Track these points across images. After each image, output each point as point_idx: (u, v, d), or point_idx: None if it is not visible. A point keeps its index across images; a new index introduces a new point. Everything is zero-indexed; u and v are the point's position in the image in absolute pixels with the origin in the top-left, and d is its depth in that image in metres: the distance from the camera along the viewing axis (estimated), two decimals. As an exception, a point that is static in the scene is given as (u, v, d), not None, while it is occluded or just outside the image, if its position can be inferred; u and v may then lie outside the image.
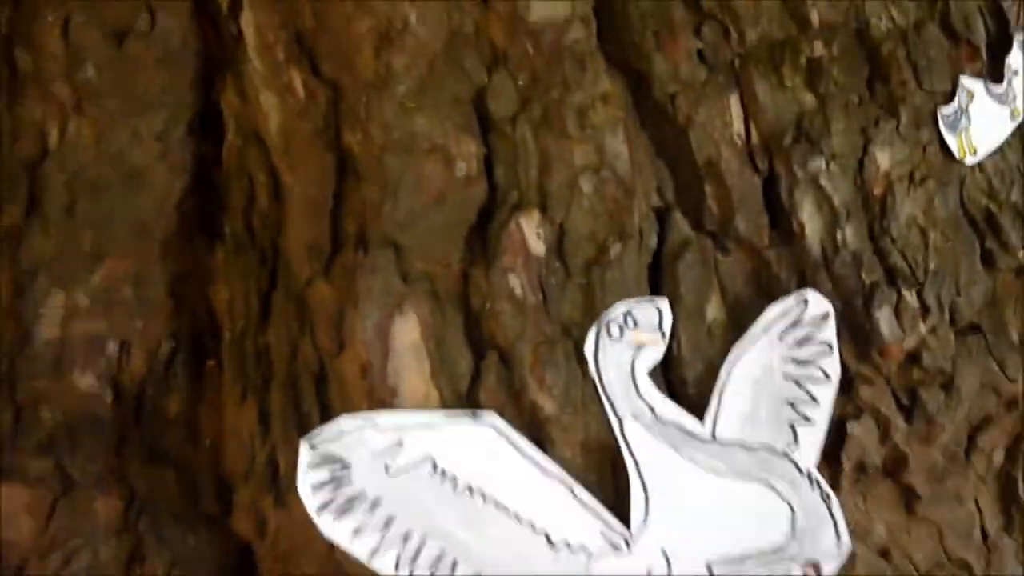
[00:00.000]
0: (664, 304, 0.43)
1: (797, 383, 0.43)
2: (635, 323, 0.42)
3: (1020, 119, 0.54)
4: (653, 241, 0.43)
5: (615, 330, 0.42)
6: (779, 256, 0.44)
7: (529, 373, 0.42)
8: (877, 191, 0.47)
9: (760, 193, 0.44)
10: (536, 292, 0.43)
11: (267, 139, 0.50)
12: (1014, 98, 0.54)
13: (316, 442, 0.42)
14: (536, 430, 0.43)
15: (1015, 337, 0.50)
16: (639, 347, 0.42)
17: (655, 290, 0.44)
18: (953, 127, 0.50)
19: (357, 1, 0.45)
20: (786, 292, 0.44)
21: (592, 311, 0.43)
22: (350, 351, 0.45)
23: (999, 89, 0.53)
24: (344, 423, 0.42)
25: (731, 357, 0.43)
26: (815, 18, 0.47)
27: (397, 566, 0.41)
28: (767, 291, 0.44)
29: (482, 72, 0.45)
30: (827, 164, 0.45)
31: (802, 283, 0.44)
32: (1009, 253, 0.51)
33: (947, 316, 0.47)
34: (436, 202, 0.44)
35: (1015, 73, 0.54)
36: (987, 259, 0.50)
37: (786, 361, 0.43)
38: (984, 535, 0.54)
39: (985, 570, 0.54)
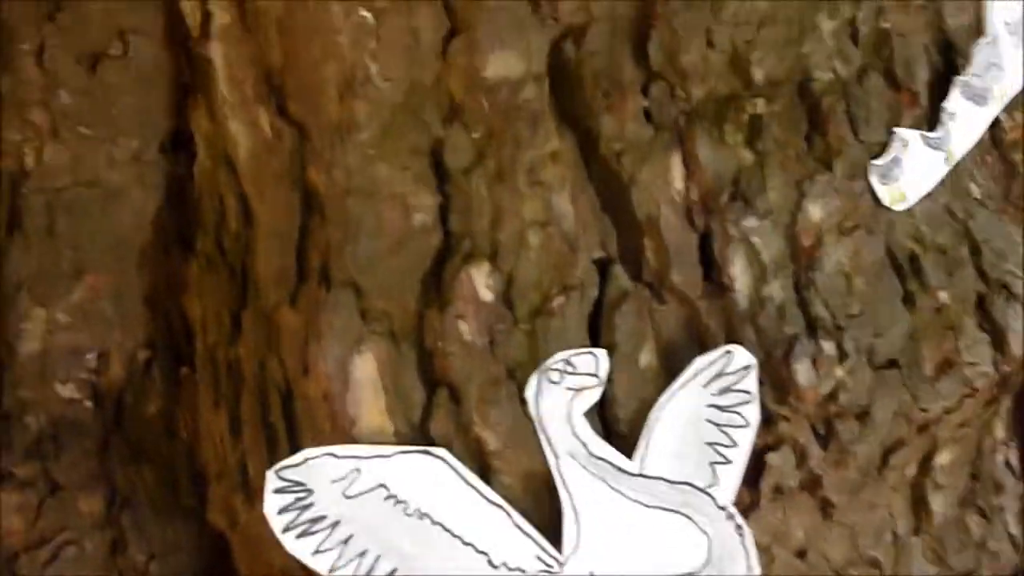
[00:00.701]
0: (602, 353, 0.46)
1: (719, 427, 0.47)
2: (574, 369, 0.46)
3: (952, 163, 0.57)
4: (594, 292, 0.47)
5: (555, 376, 0.46)
6: (710, 308, 0.48)
7: (475, 410, 0.46)
8: (807, 243, 0.50)
9: (695, 248, 0.48)
10: (484, 336, 0.47)
11: (236, 164, 0.53)
12: (949, 142, 0.57)
13: (281, 470, 0.46)
14: (480, 462, 0.47)
15: (929, 370, 0.55)
16: (577, 391, 0.46)
17: (594, 336, 0.47)
18: (885, 177, 0.53)
19: (324, 46, 0.47)
20: (715, 342, 0.48)
21: (535, 356, 0.47)
22: (313, 378, 0.49)
23: (934, 135, 0.56)
24: (307, 453, 0.47)
25: (660, 401, 0.47)
26: (759, 75, 0.50)
27: (354, 578, 0.46)
28: (699, 340, 0.48)
29: (439, 125, 0.47)
30: (760, 220, 0.48)
31: (730, 334, 0.48)
32: (929, 294, 0.54)
33: (865, 357, 0.52)
34: (394, 247, 0.47)
35: (951, 116, 0.57)
36: (909, 299, 0.54)
37: (710, 407, 0.47)
38: (895, 536, 0.60)
39: (894, 567, 0.60)
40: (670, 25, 0.48)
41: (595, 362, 0.46)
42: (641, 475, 0.47)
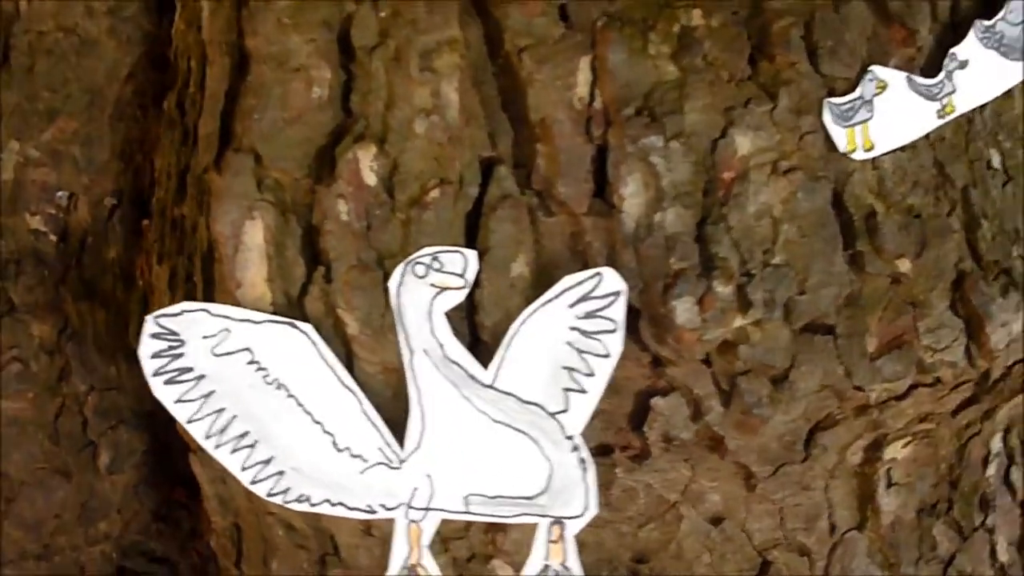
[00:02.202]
0: (471, 254, 0.45)
1: (579, 352, 0.44)
2: (440, 266, 0.45)
3: (952, 116, 0.50)
4: (474, 191, 0.45)
5: (420, 270, 0.45)
6: (595, 226, 0.45)
7: (339, 293, 0.46)
8: (726, 175, 0.45)
9: (589, 160, 0.44)
10: (362, 219, 0.46)
11: (203, 28, 0.54)
12: (951, 93, 0.50)
13: (159, 318, 0.48)
14: (345, 345, 0.47)
15: (872, 345, 0.49)
16: (441, 289, 0.45)
17: (473, 236, 0.46)
18: (845, 118, 0.47)
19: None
20: (596, 263, 0.45)
21: (407, 247, 0.46)
22: (214, 238, 0.50)
23: (928, 81, 0.49)
24: (185, 305, 0.48)
25: (523, 315, 0.45)
26: (699, -17, 0.45)
27: (207, 435, 0.48)
28: (581, 258, 0.45)
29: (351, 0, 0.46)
30: (666, 142, 0.44)
31: (612, 257, 0.45)
32: (883, 259, 0.48)
33: (780, 313, 0.47)
34: (294, 119, 0.47)
35: (960, 65, 0.50)
36: (856, 261, 0.48)
37: (573, 330, 0.44)
38: (832, 527, 0.55)
39: (827, 560, 0.55)
40: (603, -83, 0.44)
41: (463, 262, 0.45)
42: (492, 387, 0.45)
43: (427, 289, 0.45)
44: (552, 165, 0.45)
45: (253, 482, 0.48)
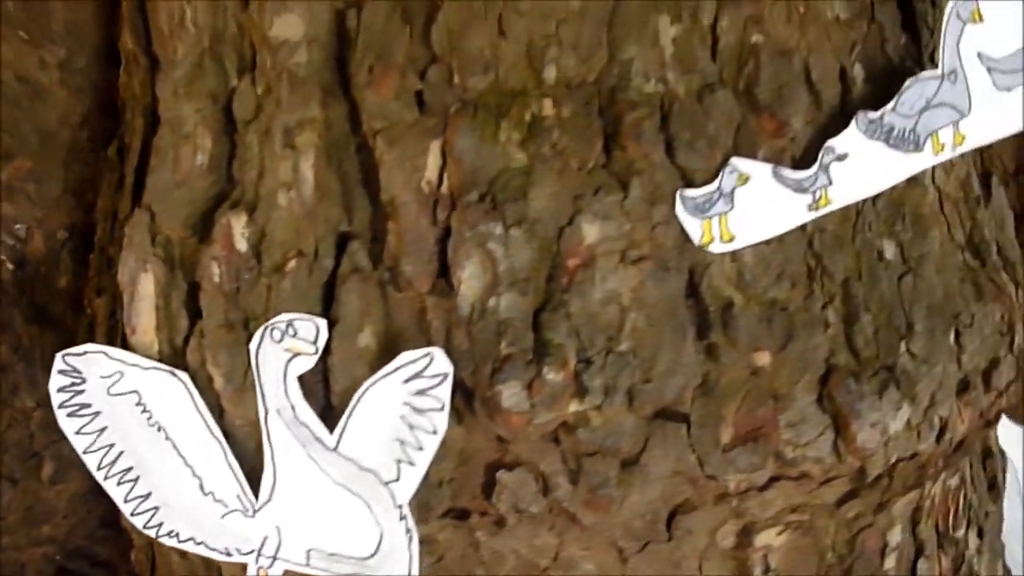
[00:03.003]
0: (322, 323, 0.47)
1: (411, 427, 0.46)
2: (294, 332, 0.48)
3: (827, 209, 0.49)
4: (329, 263, 0.47)
5: (276, 335, 0.48)
6: (437, 304, 0.46)
7: (208, 349, 0.50)
8: (571, 263, 0.46)
9: (432, 243, 0.46)
10: (232, 282, 0.49)
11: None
12: (825, 185, 0.49)
13: (66, 356, 0.53)
14: (215, 396, 0.51)
15: (726, 436, 0.49)
16: (294, 354, 0.48)
17: (328, 305, 0.48)
18: (701, 210, 0.47)
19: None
20: (437, 341, 0.47)
21: (269, 311, 0.48)
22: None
23: (799, 174, 0.48)
24: (88, 347, 0.53)
25: (364, 386, 0.47)
26: (551, 74, 0.46)
27: (99, 467, 0.52)
28: (425, 334, 0.47)
29: (235, 75, 0.49)
30: (506, 229, 0.45)
31: (449, 337, 0.46)
32: (738, 351, 0.48)
33: (623, 399, 0.47)
34: (183, 181, 0.51)
35: (839, 158, 0.49)
36: (711, 351, 0.48)
37: (406, 405, 0.46)
38: (711, 603, 0.55)
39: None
40: (457, 7, 0.46)
41: (315, 330, 0.47)
42: (336, 451, 0.48)
43: (282, 353, 0.48)
44: (400, 243, 0.47)
45: (133, 514, 0.52)
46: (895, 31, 0.51)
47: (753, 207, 0.47)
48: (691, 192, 0.47)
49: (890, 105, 0.49)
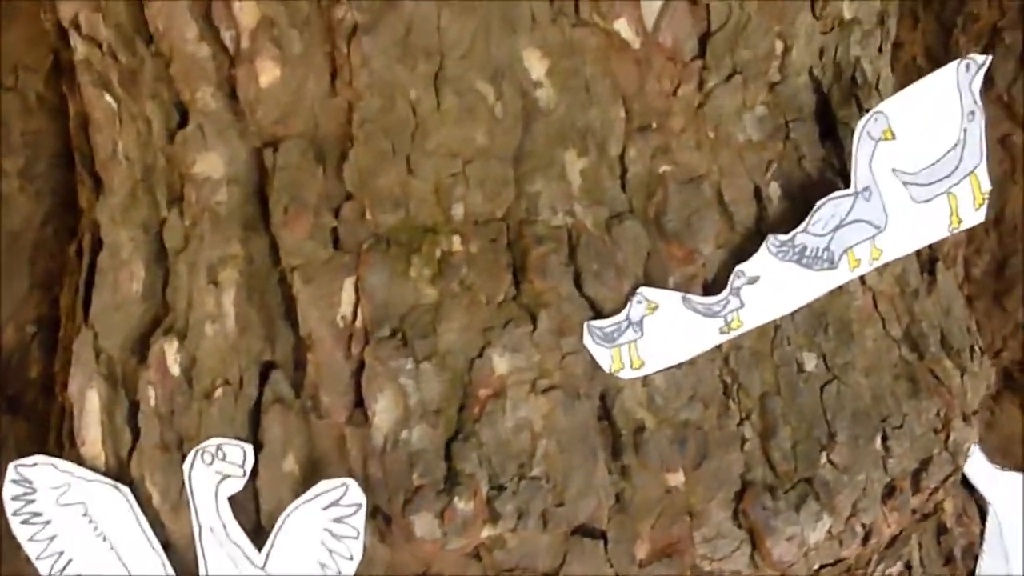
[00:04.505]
0: (248, 448, 0.49)
1: (330, 552, 0.48)
2: (224, 456, 0.50)
3: (739, 331, 0.50)
4: (253, 392, 0.49)
5: (207, 458, 0.50)
6: (354, 434, 0.48)
7: (145, 468, 0.52)
8: (482, 394, 0.48)
9: (348, 375, 0.48)
10: (167, 404, 0.51)
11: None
12: (737, 308, 0.49)
13: (19, 466, 0.55)
14: (153, 512, 0.53)
15: (642, 552, 0.50)
16: (224, 476, 0.50)
17: (254, 429, 0.50)
18: (609, 340, 0.48)
19: (93, 120, 0.53)
20: (355, 469, 0.49)
21: (201, 434, 0.51)
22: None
23: (708, 300, 0.49)
24: (39, 459, 0.55)
25: (288, 509, 0.49)
26: (459, 211, 0.47)
27: (50, 573, 0.55)
28: (344, 462, 0.49)
29: (166, 206, 0.51)
30: (416, 363, 0.47)
31: (366, 466, 0.48)
32: (650, 471, 0.49)
33: (537, 522, 0.49)
34: (121, 305, 0.53)
35: (750, 281, 0.49)
36: (625, 472, 0.49)
37: (325, 531, 0.48)
38: None
39: None
40: (368, 147, 0.47)
41: (242, 455, 0.49)
42: (263, 570, 0.50)
43: (213, 475, 0.50)
44: (318, 375, 0.48)
45: (82, 619, 0.55)
46: (812, 146, 0.52)
47: (663, 334, 0.48)
48: (599, 323, 0.48)
49: (801, 226, 0.49)
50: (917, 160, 0.50)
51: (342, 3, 0.44)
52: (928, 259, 0.63)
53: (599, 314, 0.48)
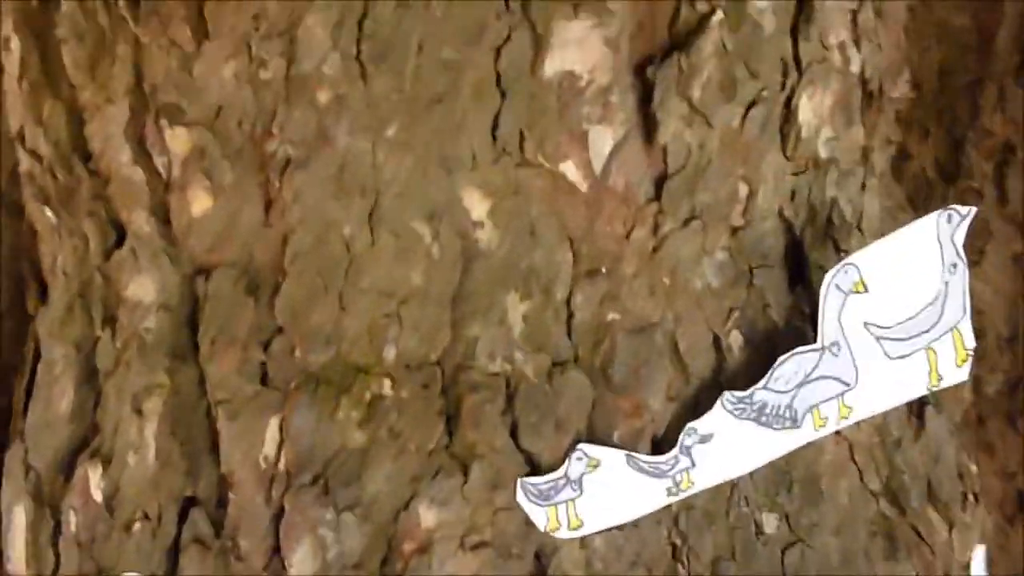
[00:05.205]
0: (164, 588, 0.47)
1: None
2: (139, 593, 0.47)
3: (690, 491, 0.46)
4: (171, 529, 0.47)
5: (122, 594, 0.47)
6: (274, 583, 0.45)
7: (66, 598, 0.50)
8: (407, 547, 0.45)
9: (267, 520, 0.45)
10: (88, 532, 0.49)
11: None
12: (687, 468, 0.46)
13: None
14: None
15: None
16: (138, 612, 0.47)
17: (173, 567, 0.48)
18: (544, 497, 0.45)
19: (38, 237, 0.52)
20: (275, 619, 0.46)
21: (120, 566, 0.48)
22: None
23: (656, 459, 0.46)
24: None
25: (198, 659, 0.46)
26: (391, 353, 0.45)
27: None
28: (265, 608, 0.46)
29: (100, 325, 0.49)
30: (337, 513, 0.44)
31: (283, 618, 0.45)
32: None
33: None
34: (52, 423, 0.51)
35: (702, 439, 0.46)
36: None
37: None
38: None
39: None
40: (300, 281, 0.45)
41: (157, 595, 0.47)
42: None
43: (128, 613, 0.48)
44: (238, 516, 0.46)
45: None
46: (779, 293, 0.48)
47: (604, 493, 0.45)
48: (534, 480, 0.44)
49: (761, 382, 0.46)
50: (893, 314, 0.47)
51: (275, 137, 0.42)
52: (917, 403, 0.59)
53: (536, 469, 0.45)
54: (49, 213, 0.49)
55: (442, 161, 0.43)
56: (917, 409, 0.58)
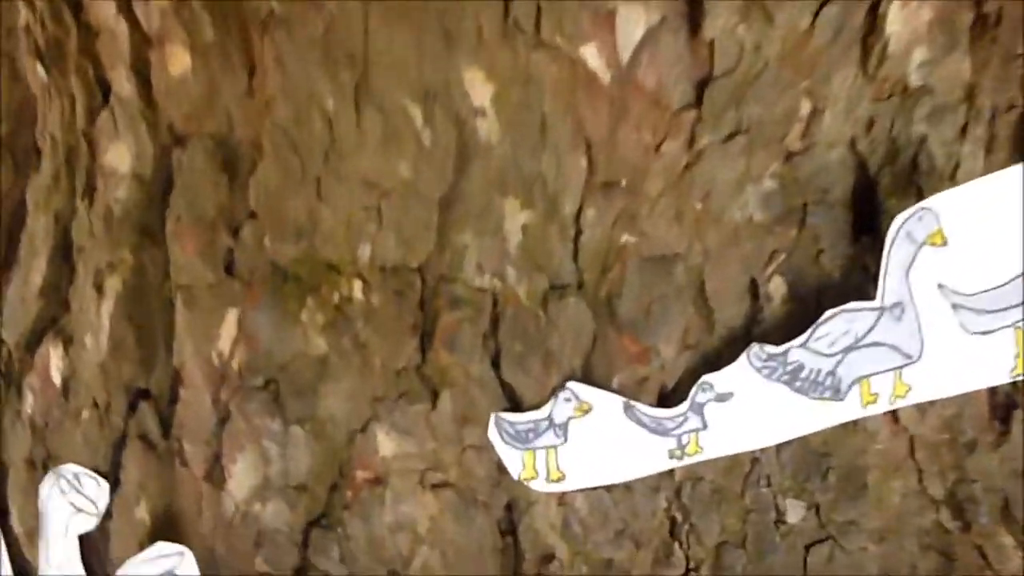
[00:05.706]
0: (104, 484, 0.43)
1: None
2: (79, 487, 0.43)
3: (697, 458, 0.39)
4: (118, 422, 0.43)
5: (64, 485, 0.44)
6: (209, 494, 0.41)
7: (13, 484, 0.46)
8: (360, 475, 0.39)
9: (212, 425, 0.40)
10: (42, 416, 0.46)
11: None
12: (696, 430, 0.39)
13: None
14: (12, 536, 0.47)
15: None
16: (77, 510, 0.44)
17: (117, 464, 0.44)
18: (522, 440, 0.38)
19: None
20: (206, 535, 0.41)
21: (66, 456, 0.44)
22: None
23: (661, 412, 0.39)
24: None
25: (125, 567, 0.42)
26: (366, 251, 0.39)
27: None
28: (196, 522, 0.42)
29: (80, 197, 0.46)
30: (285, 426, 0.39)
31: (215, 533, 0.40)
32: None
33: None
34: (25, 298, 0.48)
35: (718, 398, 0.39)
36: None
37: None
38: None
39: None
40: (276, 161, 0.40)
41: (97, 489, 0.43)
42: (94, 627, 0.43)
43: (67, 506, 0.44)
44: (185, 416, 0.41)
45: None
46: (838, 239, 0.40)
47: (594, 445, 0.38)
48: (511, 417, 0.38)
49: (800, 339, 0.38)
50: (977, 278, 0.38)
51: (258, -13, 0.37)
52: (1004, 403, 0.49)
53: (516, 406, 0.38)
54: (40, 70, 0.46)
55: (443, 33, 0.37)
56: (1002, 410, 0.49)
